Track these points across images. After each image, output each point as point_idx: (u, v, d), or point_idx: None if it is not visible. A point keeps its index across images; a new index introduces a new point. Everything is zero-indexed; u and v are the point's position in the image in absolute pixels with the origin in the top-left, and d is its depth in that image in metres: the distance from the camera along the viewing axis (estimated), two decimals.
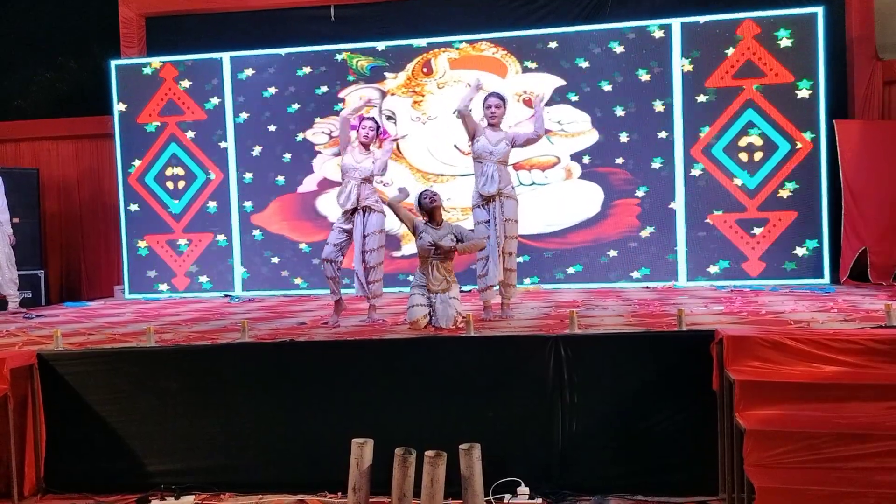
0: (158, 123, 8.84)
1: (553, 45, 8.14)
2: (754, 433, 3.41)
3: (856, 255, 7.39)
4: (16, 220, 8.62)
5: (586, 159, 8.08)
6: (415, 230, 5.23)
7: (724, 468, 3.97)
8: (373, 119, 5.85)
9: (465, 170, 8.09)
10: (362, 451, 3.96)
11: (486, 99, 5.62)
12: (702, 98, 7.82)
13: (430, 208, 5.19)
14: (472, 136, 5.58)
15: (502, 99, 5.59)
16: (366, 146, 5.77)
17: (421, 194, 5.28)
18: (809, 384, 3.68)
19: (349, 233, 5.71)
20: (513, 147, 5.59)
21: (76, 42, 9.73)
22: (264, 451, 4.49)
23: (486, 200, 5.46)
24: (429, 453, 3.83)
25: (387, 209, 5.63)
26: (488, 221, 5.42)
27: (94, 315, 7.06)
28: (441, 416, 4.33)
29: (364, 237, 5.64)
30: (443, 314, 5.00)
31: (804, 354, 3.80)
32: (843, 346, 3.80)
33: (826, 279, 7.55)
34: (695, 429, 4.17)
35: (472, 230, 5.46)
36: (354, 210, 5.67)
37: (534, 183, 8.15)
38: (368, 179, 5.71)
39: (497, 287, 5.51)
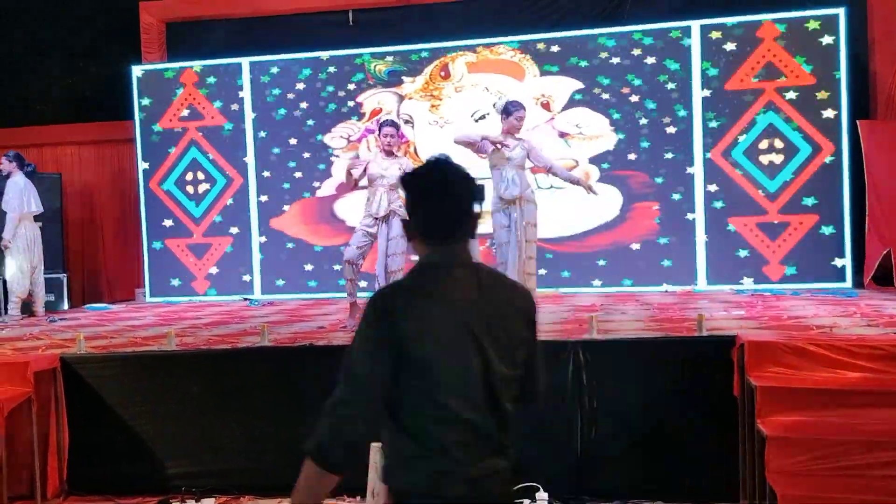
0: (179, 128, 8.91)
1: (571, 47, 8.12)
2: (776, 440, 3.38)
3: (880, 258, 7.28)
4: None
5: (605, 163, 8.05)
6: None
7: (744, 475, 3.94)
8: (391, 124, 5.86)
9: (480, 174, 8.07)
10: (381, 456, 3.96)
11: (515, 111, 5.62)
12: (722, 100, 7.76)
13: None
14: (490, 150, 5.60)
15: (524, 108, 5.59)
16: (389, 153, 5.80)
17: None
18: (832, 391, 3.65)
19: (373, 236, 5.73)
20: (528, 157, 5.59)
21: (96, 47, 9.83)
22: (284, 455, 4.49)
23: (506, 205, 5.46)
24: None
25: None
26: (508, 226, 5.42)
27: (116, 318, 7.13)
28: None
29: (388, 241, 5.67)
30: None
31: (827, 360, 3.77)
32: (866, 353, 3.76)
33: (848, 283, 7.46)
34: (715, 435, 4.14)
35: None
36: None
37: (552, 186, 8.12)
38: (395, 186, 5.73)
39: None
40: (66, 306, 8.68)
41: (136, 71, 9.02)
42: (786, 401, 3.62)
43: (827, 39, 7.57)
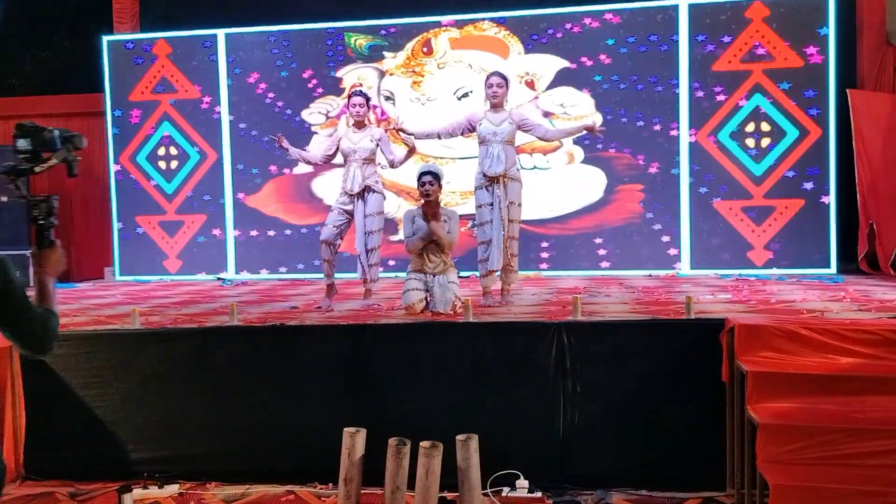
0: (151, 101, 8.61)
1: (556, 25, 7.91)
2: (768, 427, 3.24)
3: (866, 231, 7.18)
4: (4, 198, 8.43)
5: (588, 144, 7.87)
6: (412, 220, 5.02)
7: (733, 463, 3.80)
8: (360, 94, 5.62)
9: (464, 153, 7.89)
10: (354, 441, 3.79)
11: (487, 78, 5.39)
12: (708, 82, 7.60)
13: (424, 198, 4.98)
14: (472, 129, 5.39)
15: (504, 78, 5.36)
16: (360, 125, 5.58)
17: (419, 178, 5.03)
18: (825, 376, 3.51)
19: (350, 214, 5.53)
20: (518, 129, 5.37)
21: (71, 20, 9.49)
22: (252, 440, 4.31)
23: (489, 181, 5.25)
24: (424, 444, 3.66)
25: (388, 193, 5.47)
26: (491, 204, 5.22)
27: (82, 296, 6.87)
28: (437, 404, 4.15)
29: (364, 217, 5.47)
30: (441, 298, 4.81)
31: (820, 345, 3.62)
32: (860, 337, 3.62)
33: (833, 269, 7.36)
34: (702, 421, 4.00)
35: (472, 217, 5.27)
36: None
37: (535, 167, 7.95)
38: (369, 160, 5.53)
39: (498, 272, 5.32)
40: (31, 284, 8.37)
41: (107, 42, 8.70)
42: (778, 387, 3.47)
43: (816, 22, 7.43)
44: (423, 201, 5.02)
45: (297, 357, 4.34)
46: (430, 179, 4.94)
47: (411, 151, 5.56)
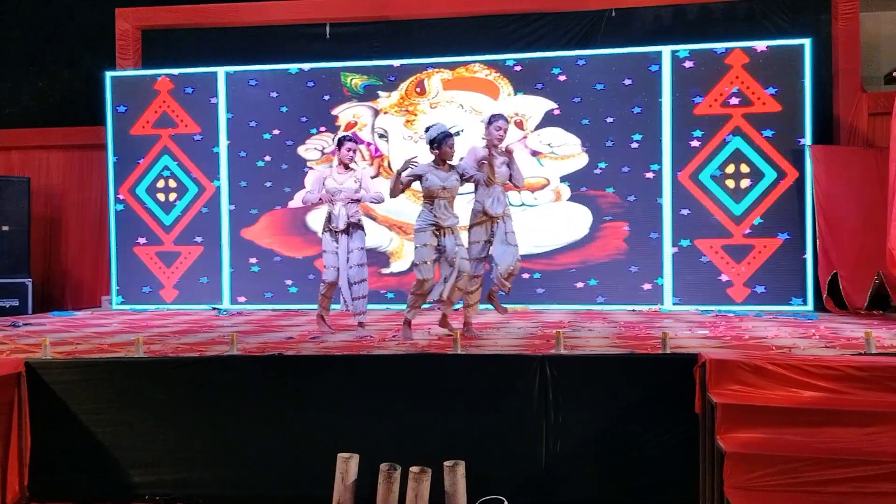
0: (152, 135, 8.87)
1: (545, 68, 8.25)
2: (735, 456, 3.46)
3: (827, 279, 7.46)
4: (5, 227, 8.64)
5: (575, 182, 8.17)
6: (420, 177, 5.40)
7: (704, 489, 4.02)
8: (351, 139, 5.96)
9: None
10: (347, 466, 3.99)
11: (495, 120, 5.51)
12: (690, 125, 7.94)
13: (447, 151, 5.38)
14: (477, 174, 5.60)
15: (507, 120, 5.66)
16: (346, 167, 5.91)
17: (444, 136, 5.39)
18: (789, 409, 3.74)
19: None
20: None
21: (70, 52, 9.75)
22: (249, 465, 4.50)
23: (489, 220, 5.50)
24: (413, 469, 3.87)
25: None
26: (487, 241, 5.49)
27: (82, 325, 7.06)
28: (427, 432, 4.36)
29: (349, 252, 5.76)
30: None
31: (784, 379, 3.87)
32: (822, 372, 3.87)
33: (810, 306, 7.64)
34: (678, 450, 4.22)
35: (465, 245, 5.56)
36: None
37: (523, 204, 8.23)
38: (354, 199, 5.85)
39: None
40: (30, 312, 8.57)
41: (111, 77, 8.98)
42: (744, 418, 3.71)
43: (793, 69, 7.79)
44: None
45: (294, 385, 4.55)
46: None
47: None
